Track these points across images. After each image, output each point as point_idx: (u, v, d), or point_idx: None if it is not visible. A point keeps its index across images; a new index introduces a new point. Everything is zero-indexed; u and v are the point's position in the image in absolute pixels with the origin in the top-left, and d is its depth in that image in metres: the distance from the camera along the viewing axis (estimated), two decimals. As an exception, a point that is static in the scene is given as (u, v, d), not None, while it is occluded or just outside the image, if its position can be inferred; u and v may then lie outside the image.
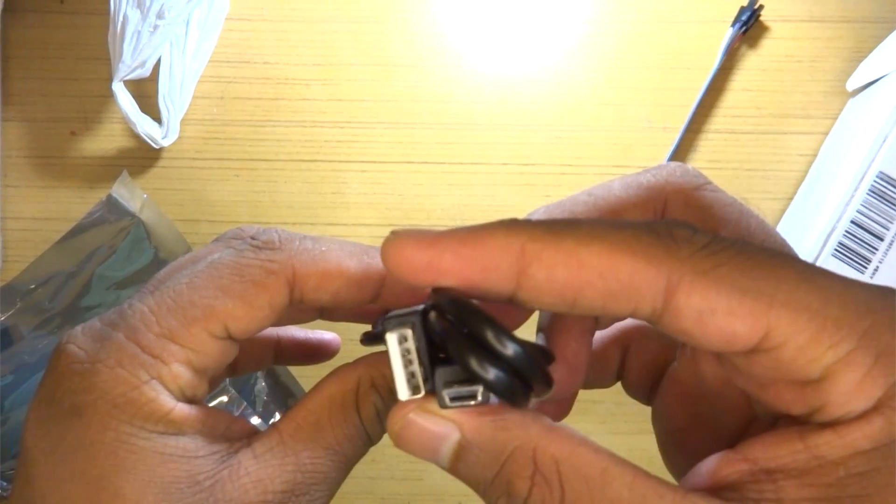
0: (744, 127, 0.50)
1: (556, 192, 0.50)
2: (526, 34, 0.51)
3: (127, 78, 0.46)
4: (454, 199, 0.50)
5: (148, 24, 0.45)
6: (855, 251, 0.41)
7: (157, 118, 0.48)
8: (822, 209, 0.43)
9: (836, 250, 0.41)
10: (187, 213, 0.50)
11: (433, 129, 0.50)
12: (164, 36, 0.46)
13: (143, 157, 0.50)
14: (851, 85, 0.49)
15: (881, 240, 0.41)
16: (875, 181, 0.41)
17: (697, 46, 0.50)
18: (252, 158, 0.50)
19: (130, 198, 0.49)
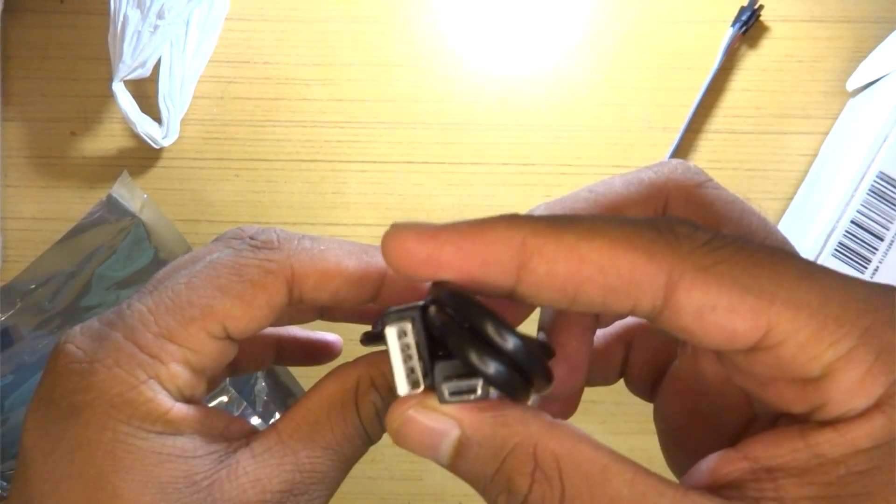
0: (744, 127, 0.50)
1: (556, 192, 0.50)
2: (526, 34, 0.51)
3: (127, 78, 0.46)
4: (454, 199, 0.50)
5: (148, 24, 0.45)
6: (855, 251, 0.41)
7: (157, 118, 0.48)
8: (823, 209, 0.43)
9: (836, 250, 0.41)
10: (187, 213, 0.50)
11: (433, 129, 0.50)
12: (164, 36, 0.46)
13: (143, 157, 0.50)
14: (851, 85, 0.49)
15: (881, 240, 0.41)
16: (875, 181, 0.41)
17: (697, 46, 0.50)
18: (252, 158, 0.50)
19: (130, 198, 0.49)
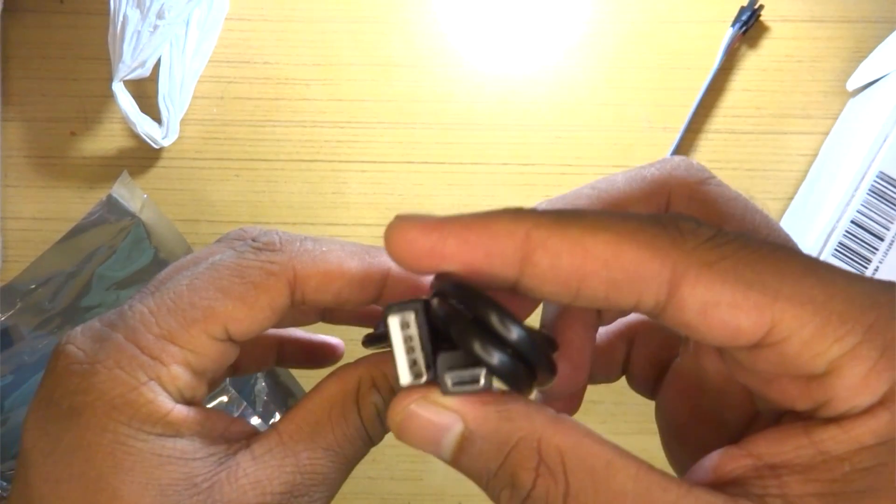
0: (744, 127, 0.50)
1: (556, 192, 0.49)
2: (526, 34, 0.51)
3: (127, 78, 0.46)
4: (454, 199, 0.50)
5: (148, 24, 0.45)
6: (855, 251, 0.41)
7: (157, 118, 0.48)
8: (823, 209, 0.43)
9: (836, 250, 0.41)
10: (187, 213, 0.50)
11: (433, 129, 0.50)
12: (164, 36, 0.46)
13: (143, 157, 0.50)
14: (851, 85, 0.49)
15: (881, 240, 0.41)
16: (875, 181, 0.41)
17: (697, 46, 0.50)
18: (252, 158, 0.50)
19: (130, 198, 0.49)
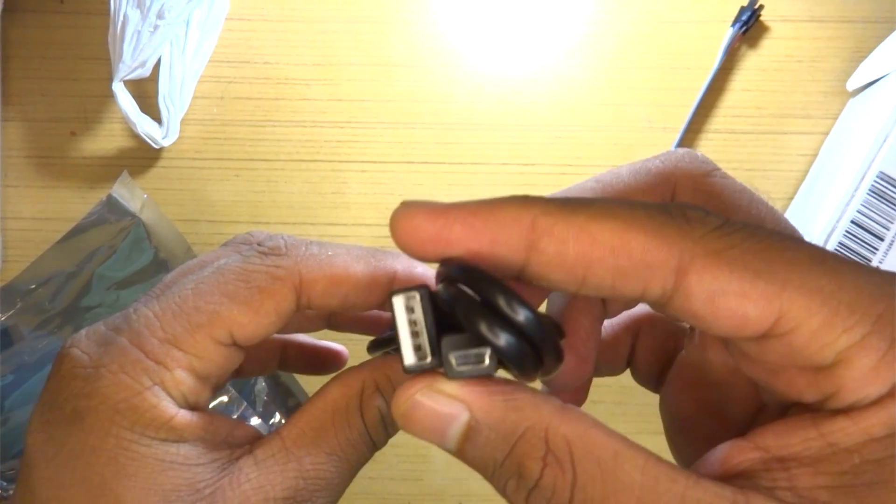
0: (744, 127, 0.50)
1: (556, 191, 0.50)
2: (526, 34, 0.51)
3: (127, 78, 0.46)
4: (454, 199, 0.50)
5: (148, 24, 0.45)
6: (855, 251, 0.41)
7: (157, 118, 0.48)
8: (823, 209, 0.43)
9: (836, 250, 0.41)
10: (187, 213, 0.50)
11: (433, 129, 0.50)
12: (164, 36, 0.46)
13: (143, 157, 0.50)
14: (851, 85, 0.49)
15: (881, 240, 0.41)
16: (875, 181, 0.41)
17: (697, 46, 0.50)
18: (252, 158, 0.50)
19: (130, 198, 0.49)
